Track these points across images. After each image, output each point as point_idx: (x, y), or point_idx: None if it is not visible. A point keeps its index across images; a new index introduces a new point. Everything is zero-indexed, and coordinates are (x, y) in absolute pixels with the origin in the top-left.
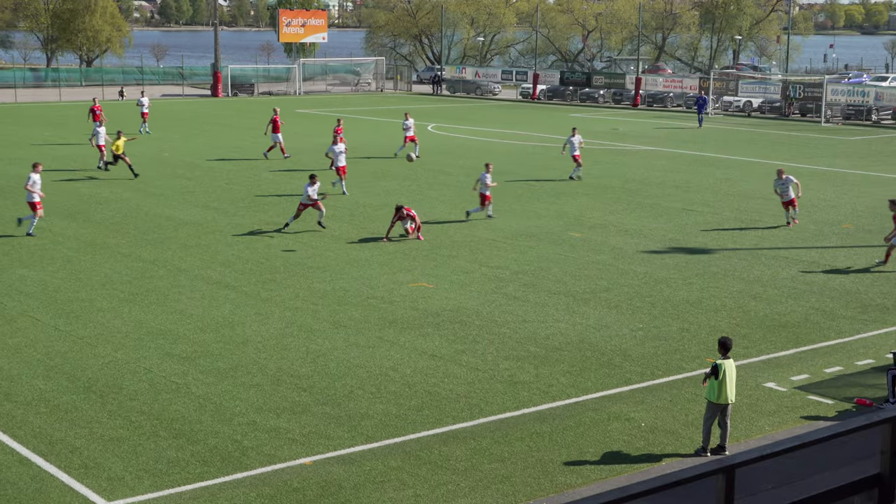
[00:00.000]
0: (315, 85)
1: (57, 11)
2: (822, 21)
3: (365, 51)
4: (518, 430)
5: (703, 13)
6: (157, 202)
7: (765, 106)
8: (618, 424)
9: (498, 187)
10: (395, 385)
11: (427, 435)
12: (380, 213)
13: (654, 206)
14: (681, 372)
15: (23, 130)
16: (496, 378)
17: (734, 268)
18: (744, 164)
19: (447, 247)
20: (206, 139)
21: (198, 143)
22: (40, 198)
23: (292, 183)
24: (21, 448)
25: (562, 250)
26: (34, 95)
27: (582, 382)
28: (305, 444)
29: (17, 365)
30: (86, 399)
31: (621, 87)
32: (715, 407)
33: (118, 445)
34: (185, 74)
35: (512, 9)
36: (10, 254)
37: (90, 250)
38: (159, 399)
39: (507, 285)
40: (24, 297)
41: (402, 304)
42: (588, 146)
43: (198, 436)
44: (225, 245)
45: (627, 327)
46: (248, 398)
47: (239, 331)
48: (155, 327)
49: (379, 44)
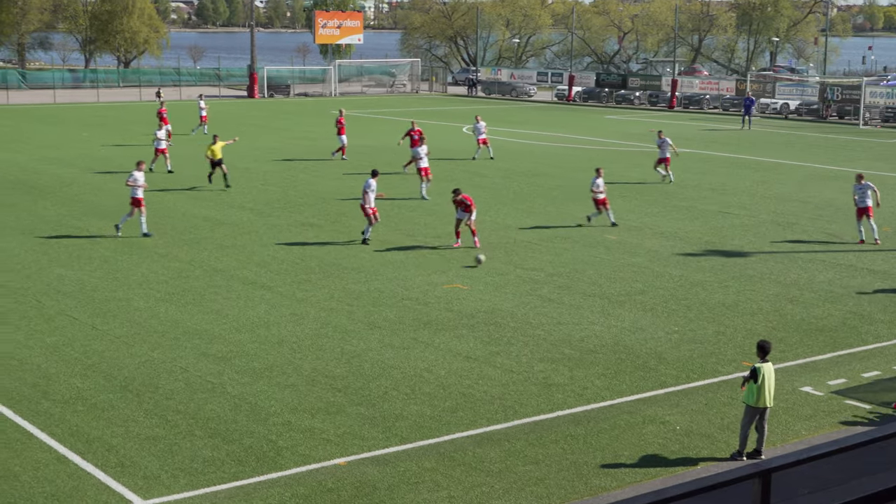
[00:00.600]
0: (350, 86)
1: (95, 13)
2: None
3: (400, 52)
4: (552, 433)
5: (740, 15)
6: (193, 203)
7: (802, 108)
8: (653, 428)
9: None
10: (429, 386)
11: (461, 436)
12: (413, 215)
13: (690, 209)
14: (716, 375)
15: (61, 131)
16: (531, 380)
17: (771, 271)
18: (781, 167)
19: (482, 248)
20: (242, 140)
21: (234, 144)
22: (143, 192)
23: (328, 184)
24: (58, 446)
25: (597, 252)
26: (72, 96)
27: (617, 385)
28: (340, 445)
29: (54, 363)
30: (122, 398)
31: (657, 89)
32: (753, 411)
33: (154, 444)
34: (222, 76)
35: (548, 10)
36: (49, 253)
37: (127, 250)
38: (195, 398)
39: (541, 287)
40: (62, 297)
41: (436, 305)
42: (622, 148)
43: (233, 435)
44: (261, 246)
45: (663, 330)
46: (283, 398)
47: (274, 331)
48: (191, 327)
49: (414, 45)
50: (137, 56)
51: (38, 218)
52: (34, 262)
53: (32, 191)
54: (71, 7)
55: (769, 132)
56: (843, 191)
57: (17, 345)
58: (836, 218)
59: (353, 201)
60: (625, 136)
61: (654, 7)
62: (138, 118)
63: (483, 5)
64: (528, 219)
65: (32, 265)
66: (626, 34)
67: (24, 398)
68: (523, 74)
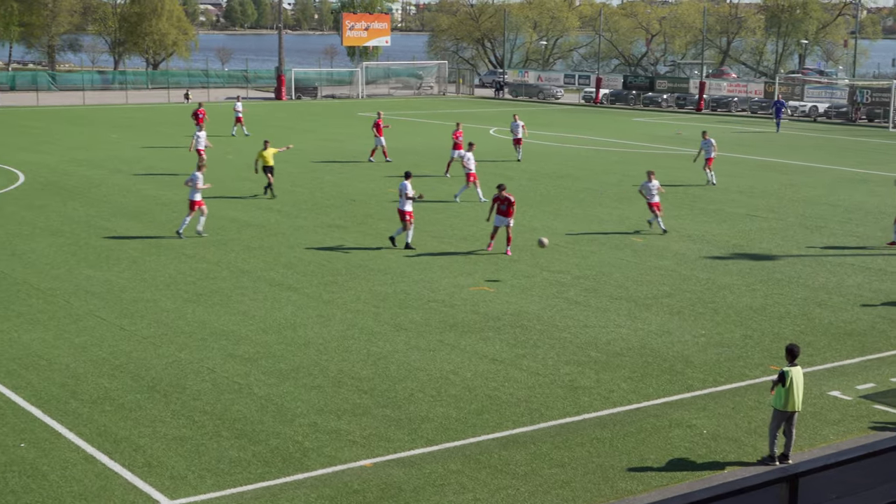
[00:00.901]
0: (377, 88)
1: (125, 15)
2: (890, 25)
3: (427, 54)
4: (578, 436)
5: (768, 17)
6: (221, 204)
7: (831, 111)
8: (679, 431)
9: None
10: (455, 388)
11: (487, 439)
12: (440, 217)
13: (718, 212)
14: (744, 379)
15: (91, 132)
16: (557, 383)
17: (799, 274)
18: (809, 170)
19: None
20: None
21: (261, 146)
22: (201, 194)
23: (355, 185)
24: (86, 446)
25: (624, 255)
26: (101, 98)
27: (643, 388)
28: (366, 446)
29: (82, 364)
30: (150, 398)
31: (685, 92)
32: (781, 415)
33: (181, 445)
34: (250, 77)
35: (575, 12)
36: (77, 254)
37: (155, 251)
38: (222, 399)
39: (568, 290)
40: (91, 297)
41: (462, 307)
42: (650, 151)
43: (259, 436)
44: (287, 247)
45: (690, 333)
46: (310, 399)
47: (301, 332)
48: (218, 328)
49: (441, 47)
50: (166, 58)
51: (67, 219)
52: (63, 263)
53: (62, 192)
54: (100, 9)
55: (798, 135)
56: (872, 194)
57: (45, 345)
58: (866, 221)
59: (379, 203)
60: (652, 139)
61: (682, 9)
62: (167, 120)
63: (510, 7)
64: (555, 221)
65: (61, 266)
66: (654, 36)
67: (52, 398)
68: (550, 77)
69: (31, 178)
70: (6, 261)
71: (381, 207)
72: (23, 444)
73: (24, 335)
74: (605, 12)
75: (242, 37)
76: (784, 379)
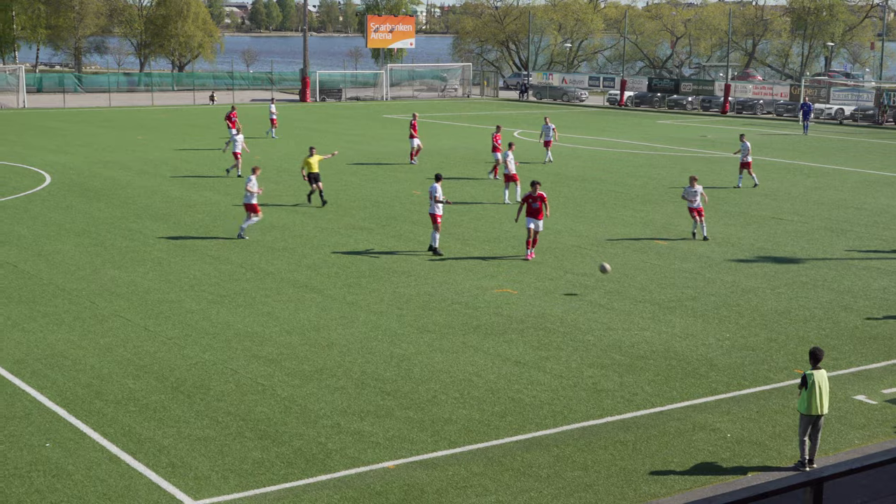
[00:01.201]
0: (402, 90)
1: (151, 17)
2: None
3: (452, 56)
4: (602, 439)
5: (794, 19)
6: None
7: (857, 114)
8: (703, 435)
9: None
10: (478, 391)
11: (510, 441)
12: (464, 219)
13: (743, 215)
14: (768, 383)
15: (116, 134)
16: (580, 385)
17: (824, 278)
18: (835, 173)
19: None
20: (293, 143)
21: (286, 147)
22: (257, 198)
23: (379, 187)
24: (111, 446)
25: (647, 258)
26: (127, 100)
27: (667, 391)
28: (389, 448)
29: (107, 364)
30: (174, 399)
31: (710, 94)
32: (806, 418)
33: (205, 445)
34: (275, 79)
35: (600, 15)
36: (102, 255)
37: (180, 252)
38: (245, 400)
39: (591, 292)
40: (116, 298)
41: (486, 309)
42: (675, 153)
43: (283, 437)
44: (311, 248)
45: (714, 336)
46: (333, 401)
47: (324, 334)
48: (242, 329)
49: (466, 50)
50: (191, 60)
51: (93, 220)
52: (88, 264)
53: (87, 193)
54: (127, 12)
55: (823, 137)
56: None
57: (71, 345)
58: (892, 224)
59: (403, 205)
60: (677, 142)
61: (707, 11)
62: (193, 122)
63: (535, 10)
64: (579, 223)
65: (87, 267)
66: (679, 39)
67: (77, 398)
68: (575, 79)
69: (57, 180)
70: (32, 261)
71: (404, 209)
72: (48, 443)
73: (49, 335)
74: (629, 14)
75: (267, 39)
76: (805, 382)
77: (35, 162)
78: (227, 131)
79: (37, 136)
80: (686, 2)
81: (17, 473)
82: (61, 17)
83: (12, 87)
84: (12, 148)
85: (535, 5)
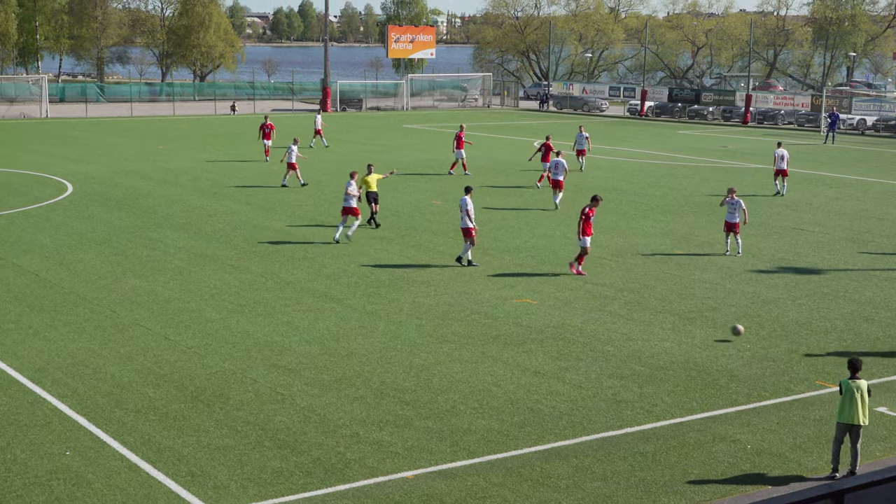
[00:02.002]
0: (422, 100)
1: (173, 27)
2: None
3: (472, 67)
4: (621, 450)
5: (816, 29)
6: (265, 215)
7: (879, 124)
8: (723, 446)
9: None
10: (497, 401)
11: (529, 452)
12: (484, 229)
13: (764, 225)
14: (789, 394)
15: (138, 144)
16: (599, 396)
17: (845, 289)
18: (856, 183)
19: (551, 263)
20: (314, 153)
21: (307, 157)
22: (357, 202)
23: (399, 197)
24: (130, 454)
25: (668, 268)
26: (149, 110)
27: (687, 403)
28: (407, 458)
29: (128, 373)
30: (193, 408)
31: (731, 104)
32: (841, 427)
33: (224, 454)
34: (296, 89)
35: (620, 25)
36: (123, 264)
37: (200, 262)
38: (265, 410)
39: (611, 303)
40: (136, 307)
41: (505, 319)
42: (697, 164)
43: (302, 447)
44: (331, 258)
45: (734, 347)
46: (352, 411)
47: (343, 344)
48: (262, 338)
49: (486, 60)
50: (213, 70)
51: (114, 229)
52: (109, 273)
53: (109, 202)
54: (149, 22)
55: (845, 148)
56: None
57: (91, 354)
58: None
59: (423, 215)
60: (698, 152)
61: (728, 21)
62: (214, 132)
63: (556, 20)
64: (599, 233)
65: (108, 276)
66: (700, 49)
67: (97, 406)
68: (595, 89)
69: (79, 189)
70: (54, 270)
71: (424, 219)
72: (68, 451)
73: (70, 344)
74: (650, 24)
75: (289, 49)
76: (840, 389)
77: (57, 171)
78: (259, 142)
79: (59, 146)
80: (707, 12)
81: (37, 482)
82: (84, 28)
83: (35, 97)
84: (35, 157)
85: (556, 15)
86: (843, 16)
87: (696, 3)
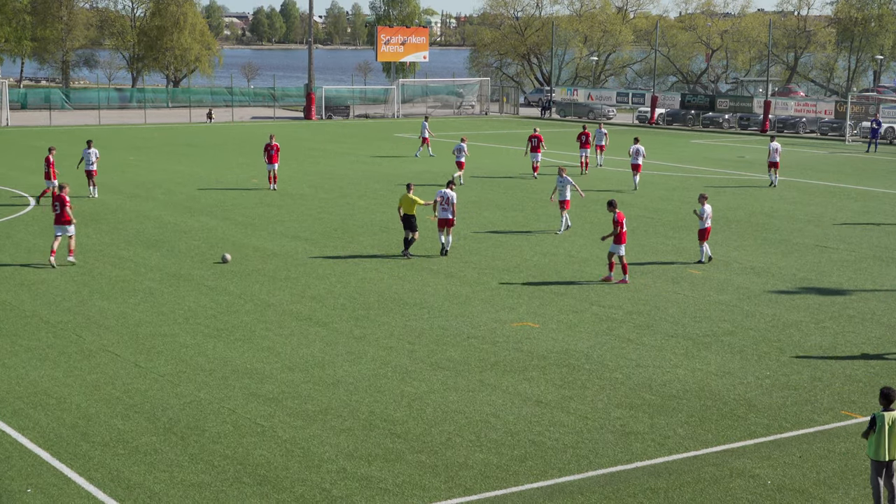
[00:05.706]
0: (414, 107)
1: (144, 28)
2: None
3: (469, 71)
4: (630, 486)
5: (840, 31)
6: (244, 232)
7: None
8: (741, 482)
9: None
10: (496, 433)
11: (531, 488)
12: (481, 247)
13: (784, 242)
14: (812, 425)
15: (106, 154)
16: (607, 427)
17: (873, 311)
18: (884, 196)
19: (554, 284)
20: (297, 165)
21: (289, 170)
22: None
23: (389, 212)
24: (97, 492)
25: (680, 289)
26: (119, 117)
27: (701, 434)
28: (399, 495)
29: (94, 403)
30: (166, 441)
31: (748, 111)
32: (877, 465)
33: (199, 491)
34: (277, 96)
35: (629, 26)
36: (90, 284)
37: (173, 282)
38: (244, 443)
39: (619, 326)
40: (104, 331)
41: (505, 344)
42: (711, 175)
43: (283, 483)
44: (316, 278)
45: (753, 375)
46: (338, 443)
47: (329, 371)
48: (240, 365)
49: (484, 63)
50: (188, 74)
51: (80, 247)
52: (74, 294)
53: (74, 218)
54: (118, 22)
55: (872, 158)
56: None
57: (55, 382)
58: None
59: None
60: (713, 163)
61: (745, 22)
62: (189, 141)
63: (559, 20)
64: (606, 251)
65: (73, 297)
66: (715, 51)
67: (61, 439)
68: (602, 95)
69: (42, 204)
70: (14, 291)
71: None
72: (29, 489)
73: (32, 372)
74: (661, 25)
75: (270, 52)
76: (874, 424)
77: (18, 184)
78: (265, 165)
79: (20, 157)
80: (723, 12)
81: None
82: (48, 29)
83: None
84: None
85: (559, 15)
86: (870, 16)
87: (711, 2)
